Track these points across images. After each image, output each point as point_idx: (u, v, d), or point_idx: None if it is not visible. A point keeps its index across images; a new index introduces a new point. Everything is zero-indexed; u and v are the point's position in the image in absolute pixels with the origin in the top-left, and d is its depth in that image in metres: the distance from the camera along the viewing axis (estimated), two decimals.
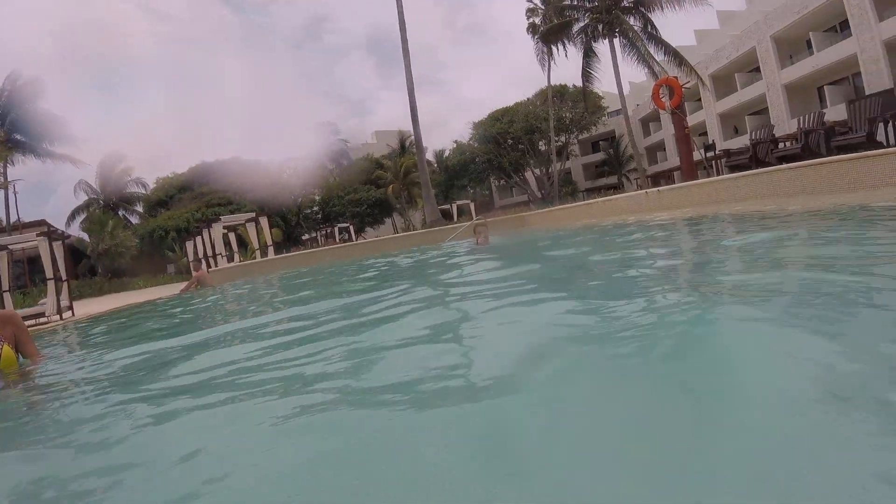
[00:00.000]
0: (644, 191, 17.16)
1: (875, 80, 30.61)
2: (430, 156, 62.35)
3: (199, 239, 28.69)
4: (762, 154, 16.22)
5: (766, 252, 5.04)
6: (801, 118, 15.55)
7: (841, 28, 35.29)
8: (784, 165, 12.36)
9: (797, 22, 36.99)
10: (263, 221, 26.75)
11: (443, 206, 40.96)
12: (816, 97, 38.16)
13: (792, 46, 39.36)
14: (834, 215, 6.99)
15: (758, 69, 41.74)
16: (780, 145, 16.62)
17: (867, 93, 25.90)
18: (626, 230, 10.82)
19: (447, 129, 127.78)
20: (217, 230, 26.21)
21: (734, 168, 17.98)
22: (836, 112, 16.82)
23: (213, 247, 26.20)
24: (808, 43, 37.24)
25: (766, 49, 40.15)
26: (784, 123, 35.69)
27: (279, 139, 65.21)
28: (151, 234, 46.87)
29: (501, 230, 18.96)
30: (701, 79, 38.14)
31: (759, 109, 42.33)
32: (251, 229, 28.00)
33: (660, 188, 16.64)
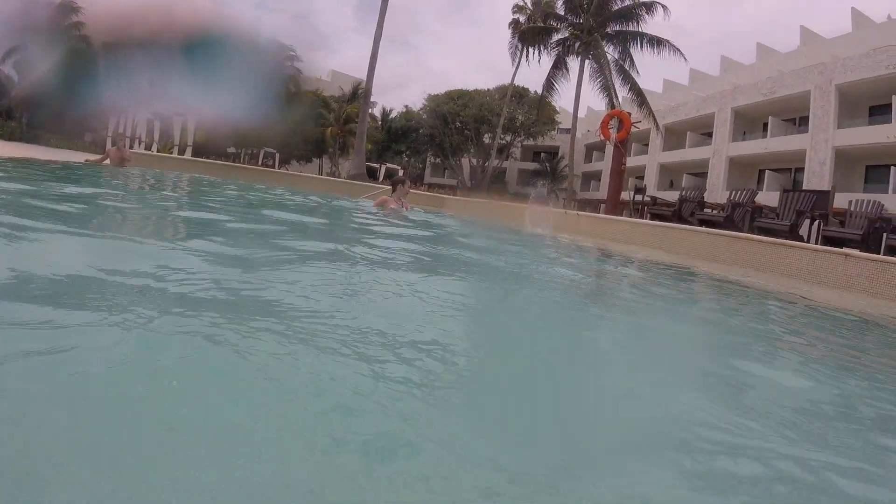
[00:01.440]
0: (565, 210, 16.97)
1: (816, 178, 31.68)
2: (377, 111, 61.30)
3: (123, 117, 27.38)
4: (686, 212, 16.17)
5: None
6: (733, 192, 15.54)
7: (799, 122, 36.22)
8: (704, 229, 12.28)
9: (761, 103, 37.82)
10: (191, 122, 25.74)
11: (372, 164, 40.23)
12: (756, 177, 39.06)
13: (749, 124, 40.32)
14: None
15: (710, 133, 42.48)
16: (706, 210, 16.65)
17: (804, 188, 26.57)
18: (524, 239, 10.61)
19: (403, 93, 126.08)
20: (143, 113, 25.06)
21: (655, 216, 17.89)
22: (768, 197, 17.09)
23: (134, 129, 25.03)
24: (765, 125, 38.07)
25: (724, 119, 40.89)
26: (717, 191, 36.44)
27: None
28: None
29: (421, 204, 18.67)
30: (657, 125, 38.54)
31: (700, 171, 43.08)
32: (177, 124, 26.92)
33: (579, 212, 16.53)
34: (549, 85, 40.75)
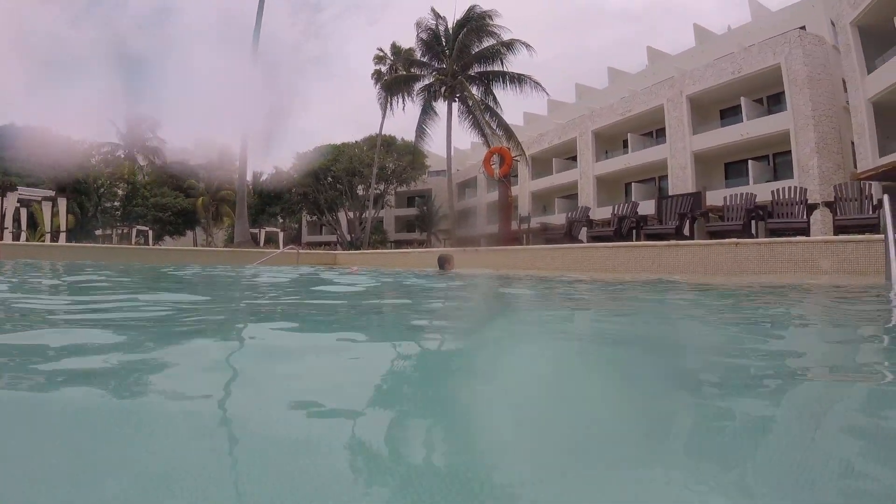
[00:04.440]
0: (463, 248, 17.46)
1: (680, 183, 34.00)
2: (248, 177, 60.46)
3: None
4: (576, 232, 16.98)
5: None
6: (616, 206, 16.47)
7: (657, 134, 38.67)
8: (601, 244, 13.05)
9: (619, 122, 40.21)
10: (62, 203, 24.71)
11: (251, 230, 39.67)
12: (623, 191, 41.27)
13: (609, 143, 42.51)
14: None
15: (575, 157, 44.62)
16: (595, 227, 17.51)
17: (670, 194, 28.32)
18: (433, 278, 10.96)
19: (269, 154, 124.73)
20: (12, 201, 23.82)
21: (548, 241, 18.65)
22: (642, 207, 18.29)
23: (2, 218, 23.77)
24: (625, 142, 40.29)
25: (585, 142, 43.06)
26: (592, 210, 38.01)
27: (97, 118, 59.34)
28: None
29: (315, 262, 18.75)
30: (525, 156, 40.04)
31: (570, 194, 44.96)
32: (46, 209, 25.72)
33: (477, 248, 17.07)
34: (420, 131, 41.60)
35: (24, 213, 25.73)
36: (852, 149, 27.12)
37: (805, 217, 11.64)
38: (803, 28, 31.61)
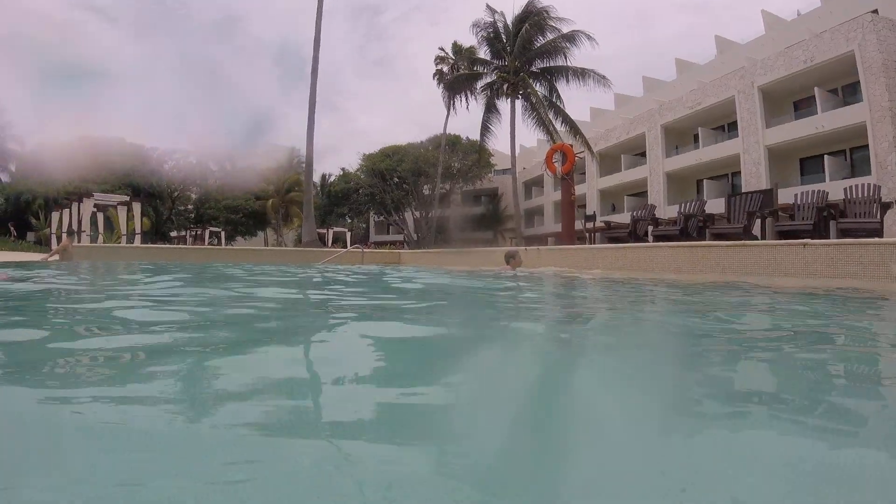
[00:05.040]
0: (524, 247, 17.27)
1: (753, 180, 32.82)
2: (315, 178, 61.51)
3: (66, 211, 27.02)
4: (641, 231, 16.57)
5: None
6: (683, 204, 16.02)
7: (728, 128, 37.50)
8: (664, 244, 12.67)
9: (688, 116, 39.08)
10: (136, 207, 25.54)
11: (319, 230, 40.18)
12: (695, 188, 40.16)
13: (679, 138, 41.43)
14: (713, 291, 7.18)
15: (644, 153, 43.63)
16: (660, 226, 17.06)
17: (743, 191, 27.47)
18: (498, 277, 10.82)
19: (337, 156, 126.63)
20: (88, 206, 24.83)
21: (612, 240, 18.28)
22: (711, 205, 17.57)
23: (80, 223, 24.76)
24: (696, 137, 39.24)
25: (654, 136, 42.07)
26: (661, 208, 37.25)
27: (169, 127, 62.24)
28: (18, 196, 43.62)
29: (379, 261, 18.94)
30: (592, 152, 39.42)
31: (639, 192, 44.12)
32: (122, 213, 26.68)
33: (539, 247, 16.87)
34: (484, 129, 41.54)
35: (100, 217, 26.63)
36: None
37: (879, 217, 11.04)
38: (875, 12, 29.60)
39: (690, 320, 4.51)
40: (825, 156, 30.43)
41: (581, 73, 37.69)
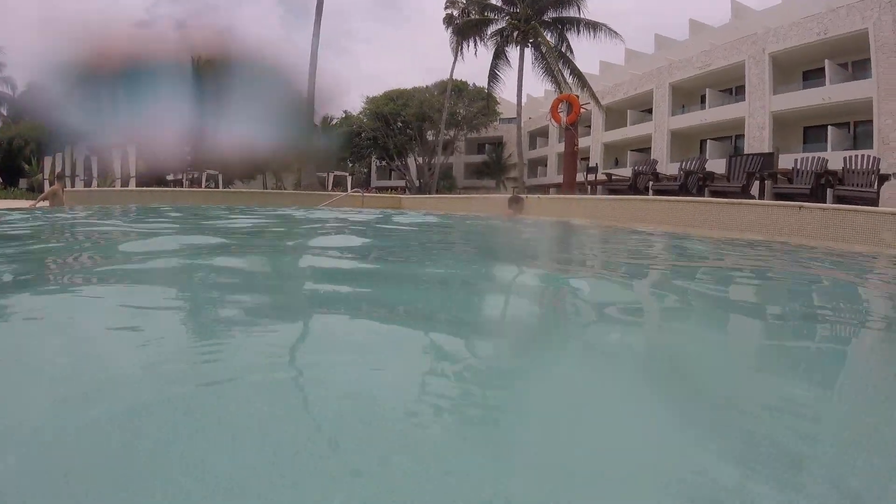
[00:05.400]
0: (525, 195, 17.46)
1: (756, 144, 32.99)
2: (316, 120, 60.99)
3: (59, 156, 26.81)
4: (641, 185, 16.77)
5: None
6: (684, 161, 16.18)
7: (736, 92, 37.44)
8: (662, 198, 12.91)
9: (697, 76, 38.92)
10: (132, 151, 25.45)
11: (319, 173, 40.09)
12: (698, 148, 40.22)
13: (686, 97, 41.29)
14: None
15: (650, 110, 43.55)
16: (660, 181, 17.25)
17: (746, 153, 27.65)
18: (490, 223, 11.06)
19: (342, 100, 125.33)
20: (80, 150, 24.74)
21: (612, 192, 18.47)
22: (712, 165, 17.78)
23: (73, 167, 24.68)
24: (703, 97, 39.17)
25: (662, 94, 41.92)
26: (663, 164, 37.36)
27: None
28: (10, 141, 43.10)
29: (379, 206, 19.08)
30: (599, 105, 39.33)
31: (643, 148, 44.07)
32: (116, 157, 26.52)
33: (539, 195, 17.07)
34: (493, 76, 41.27)
35: (94, 160, 26.50)
36: None
37: (875, 187, 11.27)
38: None
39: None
40: (829, 126, 30.59)
41: (593, 26, 37.41)
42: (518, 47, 39.34)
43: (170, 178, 52.21)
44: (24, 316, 2.13)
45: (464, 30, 42.36)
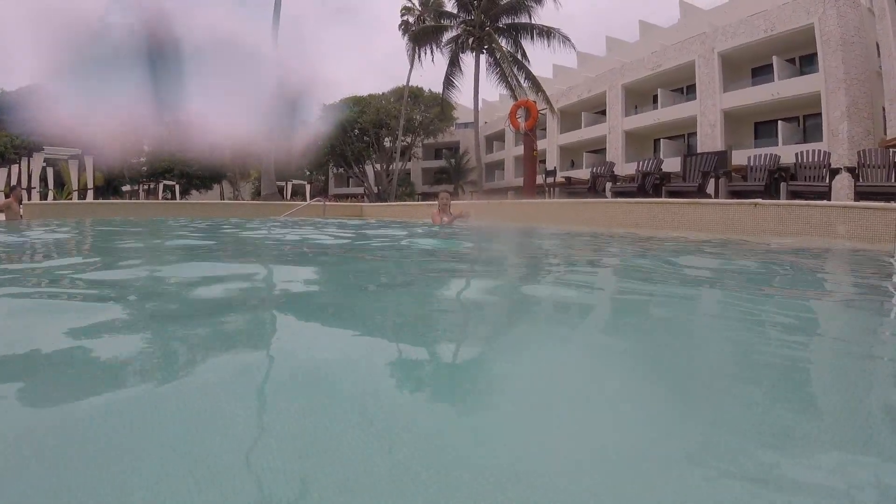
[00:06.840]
0: (487, 201, 17.66)
1: (709, 141, 33.72)
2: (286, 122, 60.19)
3: (14, 167, 26.20)
4: (600, 187, 17.07)
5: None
6: (640, 162, 16.47)
7: (687, 91, 38.17)
8: (622, 200, 13.16)
9: (649, 77, 39.55)
10: (89, 161, 25.02)
11: (278, 182, 39.83)
12: (652, 147, 41.02)
13: (639, 98, 41.93)
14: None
15: (604, 112, 44.12)
16: (618, 182, 17.56)
17: (698, 151, 28.19)
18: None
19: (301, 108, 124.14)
20: (37, 161, 24.22)
21: (572, 194, 18.78)
22: (668, 164, 18.16)
23: (29, 178, 24.14)
24: (655, 98, 39.80)
25: (615, 96, 42.49)
26: (619, 165, 37.85)
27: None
28: None
29: (340, 214, 19.05)
30: (553, 109, 39.78)
31: (598, 149, 44.65)
32: (73, 167, 25.96)
33: (502, 201, 17.27)
34: (448, 82, 41.58)
35: (50, 172, 26.00)
36: (883, 115, 26.65)
37: (827, 181, 11.66)
38: None
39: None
40: (779, 121, 31.28)
41: (546, 32, 37.93)
42: (473, 54, 39.65)
43: (125, 188, 51.24)
44: None
45: (419, 37, 42.54)
